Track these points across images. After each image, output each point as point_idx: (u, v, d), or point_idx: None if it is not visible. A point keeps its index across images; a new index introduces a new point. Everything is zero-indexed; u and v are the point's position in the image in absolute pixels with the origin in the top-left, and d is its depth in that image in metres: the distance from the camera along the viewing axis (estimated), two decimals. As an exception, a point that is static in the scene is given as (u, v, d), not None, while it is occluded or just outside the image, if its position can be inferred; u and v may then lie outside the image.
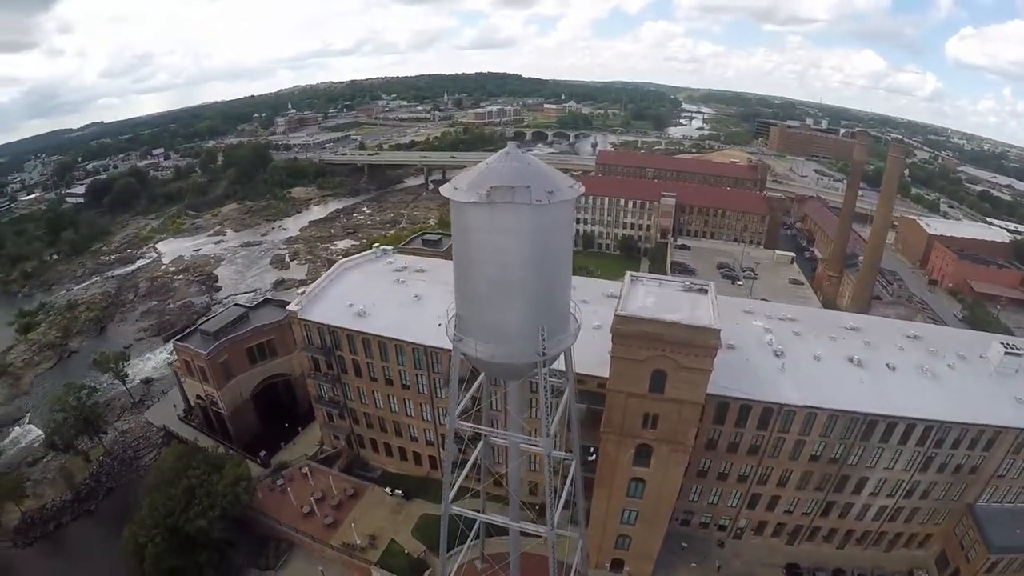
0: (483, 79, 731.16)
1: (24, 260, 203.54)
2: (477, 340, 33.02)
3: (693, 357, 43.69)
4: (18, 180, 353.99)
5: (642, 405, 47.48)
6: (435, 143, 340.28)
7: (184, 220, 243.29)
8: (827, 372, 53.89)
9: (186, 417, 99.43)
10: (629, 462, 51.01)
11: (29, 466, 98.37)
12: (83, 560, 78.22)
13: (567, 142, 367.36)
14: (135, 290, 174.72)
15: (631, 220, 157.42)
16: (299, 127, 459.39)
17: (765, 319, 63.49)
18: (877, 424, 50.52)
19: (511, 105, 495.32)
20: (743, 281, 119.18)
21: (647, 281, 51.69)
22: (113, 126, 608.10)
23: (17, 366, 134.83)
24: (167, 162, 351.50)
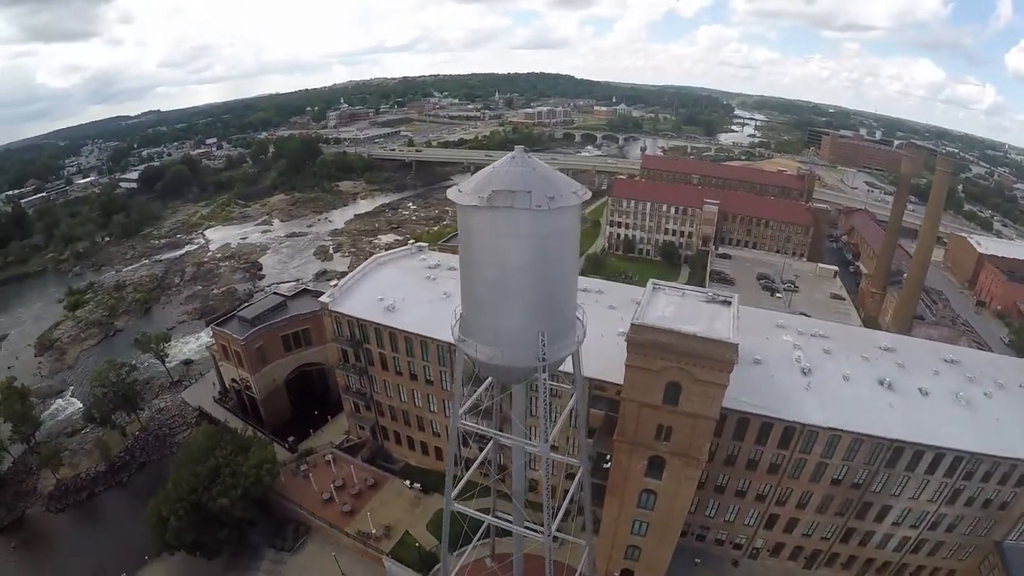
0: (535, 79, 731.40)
1: (77, 241, 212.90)
2: (479, 342, 32.99)
3: (708, 371, 42.54)
4: (75, 164, 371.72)
5: (656, 416, 46.54)
6: (483, 142, 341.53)
7: (233, 209, 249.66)
8: (855, 393, 51.66)
9: (221, 399, 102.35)
10: (641, 473, 50.10)
11: (68, 436, 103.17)
12: (111, 529, 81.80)
13: (616, 145, 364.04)
14: (181, 274, 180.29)
15: (673, 226, 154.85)
16: (350, 122, 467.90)
17: (796, 334, 61.38)
18: (904, 451, 48.15)
19: (562, 106, 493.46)
20: (782, 294, 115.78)
21: (669, 290, 50.79)
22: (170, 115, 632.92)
23: (64, 341, 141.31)
24: (219, 151, 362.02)
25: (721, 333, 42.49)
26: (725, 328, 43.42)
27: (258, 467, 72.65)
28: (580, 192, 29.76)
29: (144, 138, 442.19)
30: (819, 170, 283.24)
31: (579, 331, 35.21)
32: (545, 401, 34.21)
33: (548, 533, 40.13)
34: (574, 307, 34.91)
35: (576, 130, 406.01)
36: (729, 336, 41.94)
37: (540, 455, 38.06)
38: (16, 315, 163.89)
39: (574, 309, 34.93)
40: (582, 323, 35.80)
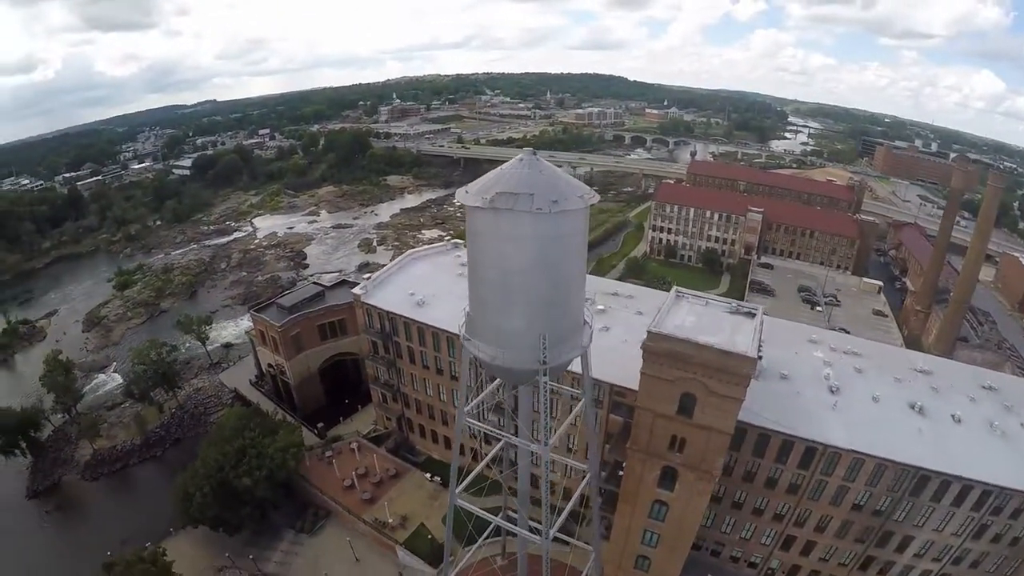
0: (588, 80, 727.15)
1: (129, 223, 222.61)
2: (482, 341, 33.10)
3: (725, 384, 41.37)
4: (131, 149, 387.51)
5: (670, 427, 45.59)
6: (532, 141, 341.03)
7: (282, 198, 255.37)
8: (883, 416, 49.32)
9: (257, 383, 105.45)
10: (654, 483, 49.16)
11: (108, 410, 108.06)
12: (141, 500, 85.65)
13: (666, 149, 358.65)
14: (228, 260, 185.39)
15: (716, 233, 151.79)
16: (401, 117, 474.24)
17: (828, 351, 59.22)
18: (929, 480, 45.62)
19: (613, 108, 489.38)
20: (823, 307, 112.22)
21: (693, 299, 49.60)
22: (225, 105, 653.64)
23: (111, 319, 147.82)
24: (272, 142, 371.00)
25: (740, 346, 41.25)
26: (745, 341, 42.16)
27: (284, 450, 74.87)
28: (586, 196, 29.35)
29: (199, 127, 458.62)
30: (871, 181, 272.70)
31: (586, 336, 34.72)
32: (545, 403, 33.92)
33: (546, 535, 39.83)
34: (580, 311, 34.46)
35: (626, 132, 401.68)
36: (747, 350, 40.68)
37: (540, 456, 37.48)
38: (67, 292, 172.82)
39: (580, 313, 34.49)
40: (590, 327, 35.27)
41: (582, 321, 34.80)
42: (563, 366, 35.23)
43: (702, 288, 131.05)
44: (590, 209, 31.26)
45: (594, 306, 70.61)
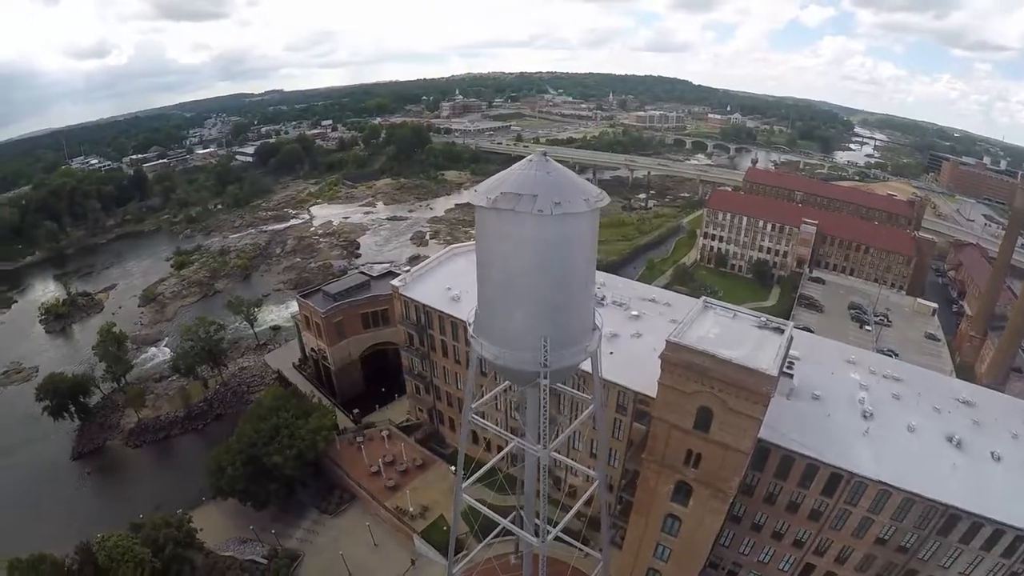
0: (652, 82, 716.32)
1: (190, 206, 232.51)
2: (486, 340, 32.95)
3: (743, 401, 39.87)
4: (198, 135, 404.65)
5: (685, 440, 44.33)
6: (591, 142, 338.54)
7: (340, 189, 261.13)
8: (917, 448, 46.24)
9: (300, 366, 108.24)
10: (667, 496, 47.95)
11: (155, 382, 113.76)
12: (178, 469, 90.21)
13: (726, 155, 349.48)
14: (283, 246, 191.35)
15: (768, 244, 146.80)
16: (463, 113, 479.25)
17: (866, 373, 56.14)
18: (959, 520, 42.37)
19: (675, 111, 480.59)
20: (872, 327, 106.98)
21: (720, 310, 48.10)
22: (291, 95, 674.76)
23: (166, 296, 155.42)
24: (334, 133, 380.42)
25: (762, 363, 39.64)
26: (768, 358, 40.48)
27: (315, 432, 77.11)
28: (592, 200, 28.57)
29: (265, 116, 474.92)
30: (935, 198, 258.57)
31: (593, 341, 33.93)
32: (544, 406, 33.44)
33: (543, 539, 39.42)
34: (588, 315, 33.65)
35: (687, 136, 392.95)
36: (768, 367, 39.04)
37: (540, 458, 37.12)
38: (127, 268, 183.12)
39: (588, 317, 33.68)
40: (599, 332, 34.51)
41: (590, 326, 34.06)
42: (567, 370, 34.66)
43: (750, 300, 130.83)
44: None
45: (628, 311, 70.05)
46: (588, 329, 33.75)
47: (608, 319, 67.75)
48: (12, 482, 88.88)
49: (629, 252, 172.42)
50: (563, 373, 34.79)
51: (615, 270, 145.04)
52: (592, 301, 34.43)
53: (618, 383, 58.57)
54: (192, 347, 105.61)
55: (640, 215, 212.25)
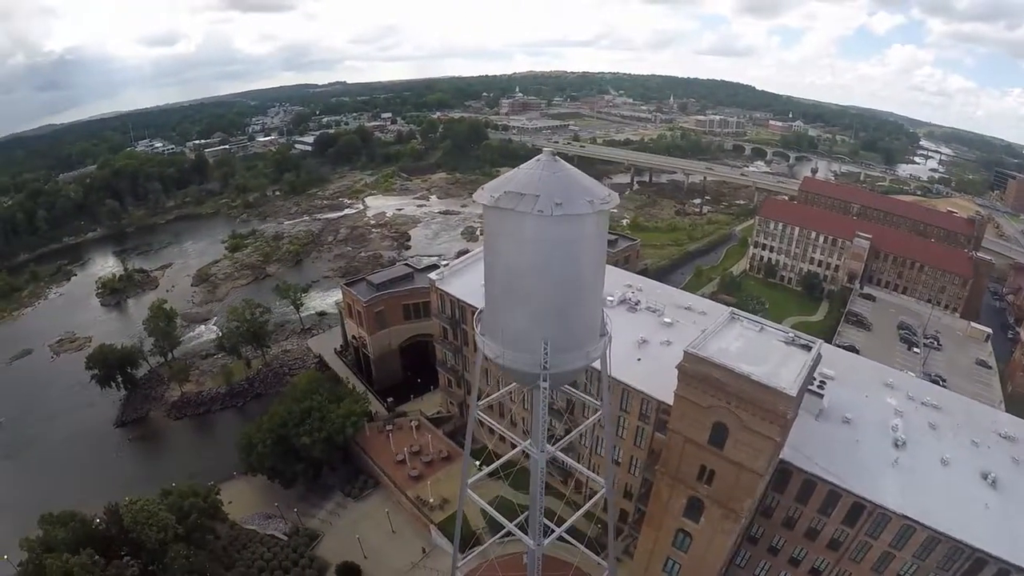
0: (714, 86, 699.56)
1: (249, 191, 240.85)
2: (489, 339, 32.84)
3: (759, 420, 38.24)
4: (260, 123, 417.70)
5: (699, 455, 42.98)
6: (649, 144, 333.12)
7: (395, 181, 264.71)
8: (949, 483, 43.36)
9: (341, 352, 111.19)
10: (679, 511, 46.66)
11: (201, 359, 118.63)
12: (214, 443, 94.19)
13: (786, 163, 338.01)
14: (335, 234, 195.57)
15: (819, 256, 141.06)
16: (522, 111, 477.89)
17: (903, 398, 53.08)
18: (986, 565, 39.33)
19: (736, 116, 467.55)
20: (920, 349, 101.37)
21: (747, 322, 46.19)
22: (354, 87, 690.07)
23: (218, 277, 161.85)
24: (393, 126, 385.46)
25: (782, 380, 37.84)
26: (790, 376, 38.66)
27: (345, 417, 78.64)
28: (597, 202, 27.79)
29: (327, 106, 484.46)
30: (998, 217, 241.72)
31: (599, 347, 33.26)
32: (543, 408, 33.15)
33: (538, 542, 39.10)
34: (594, 320, 32.92)
35: (747, 143, 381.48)
36: (788, 386, 37.19)
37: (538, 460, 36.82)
38: (184, 248, 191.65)
39: (594, 322, 32.95)
40: (607, 337, 33.82)
41: (598, 331, 33.34)
42: (569, 374, 34.06)
43: (796, 314, 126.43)
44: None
45: (661, 318, 68.66)
46: (594, 334, 33.06)
47: (639, 325, 67.42)
48: (57, 443, 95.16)
49: (679, 257, 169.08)
50: (565, 377, 34.31)
51: (663, 275, 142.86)
52: (600, 306, 33.61)
53: (642, 391, 57.53)
54: (237, 328, 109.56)
55: (693, 221, 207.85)
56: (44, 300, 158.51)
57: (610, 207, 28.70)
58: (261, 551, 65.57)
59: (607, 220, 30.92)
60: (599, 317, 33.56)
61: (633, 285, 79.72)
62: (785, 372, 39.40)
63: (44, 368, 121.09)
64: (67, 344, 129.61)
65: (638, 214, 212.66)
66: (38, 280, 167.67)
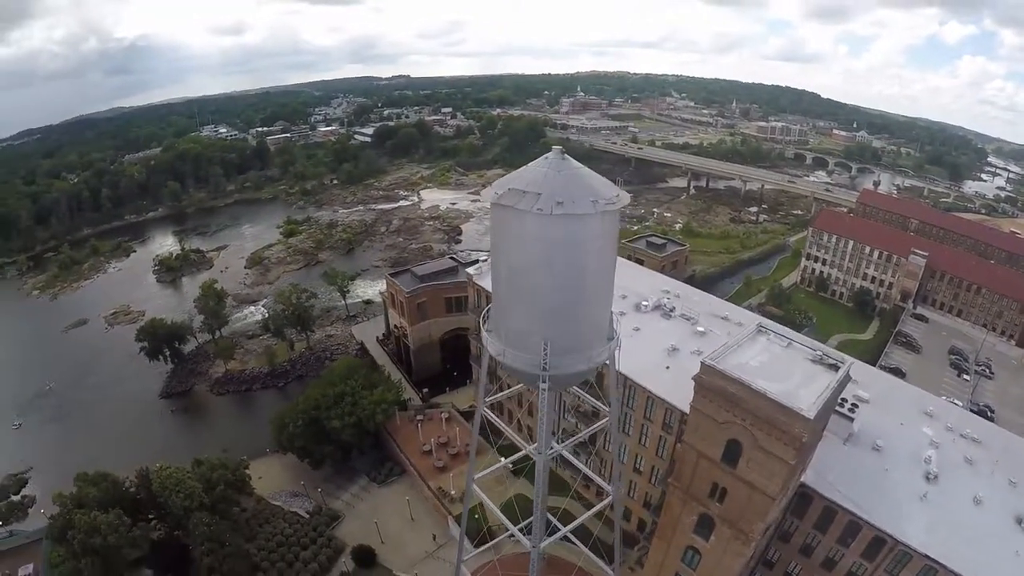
0: (778, 92, 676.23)
1: (307, 179, 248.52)
2: (494, 336, 32.77)
3: (773, 441, 36.70)
4: (323, 113, 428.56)
5: (712, 472, 41.71)
6: (708, 149, 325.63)
7: (451, 175, 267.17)
8: (979, 524, 40.36)
9: (382, 340, 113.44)
10: (690, 527, 45.45)
11: (248, 339, 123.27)
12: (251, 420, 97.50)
13: (848, 174, 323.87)
14: (388, 225, 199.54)
15: (873, 272, 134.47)
16: (582, 110, 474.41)
17: (941, 429, 49.91)
18: None
19: (799, 124, 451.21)
20: (971, 377, 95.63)
21: (774, 336, 44.24)
22: (417, 81, 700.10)
23: (271, 261, 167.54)
24: (452, 121, 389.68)
25: (801, 400, 36.06)
26: (810, 397, 36.70)
27: (376, 404, 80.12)
28: (601, 202, 27.15)
29: (390, 99, 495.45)
30: None
31: (604, 352, 32.56)
32: (543, 410, 32.85)
33: (536, 544, 38.90)
34: (600, 323, 32.30)
35: (808, 151, 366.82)
36: (806, 408, 35.32)
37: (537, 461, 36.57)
38: (240, 231, 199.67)
39: (601, 325, 32.32)
40: (616, 343, 33.16)
41: (604, 335, 32.70)
42: (571, 377, 33.45)
43: (845, 331, 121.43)
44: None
45: (694, 327, 67.19)
46: (601, 338, 32.42)
47: (672, 332, 66.21)
48: (103, 409, 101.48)
49: (729, 266, 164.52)
50: (567, 380, 33.85)
51: (711, 283, 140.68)
52: (607, 309, 32.89)
53: (666, 400, 56.46)
54: (283, 311, 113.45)
55: (747, 229, 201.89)
56: (103, 274, 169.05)
57: (616, 208, 28.04)
58: (282, 527, 68.10)
59: (615, 221, 30.18)
60: (606, 320, 32.91)
61: (671, 291, 78.36)
62: (806, 392, 37.60)
63: (98, 338, 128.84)
64: (121, 316, 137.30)
65: (692, 219, 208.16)
66: (99, 254, 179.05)
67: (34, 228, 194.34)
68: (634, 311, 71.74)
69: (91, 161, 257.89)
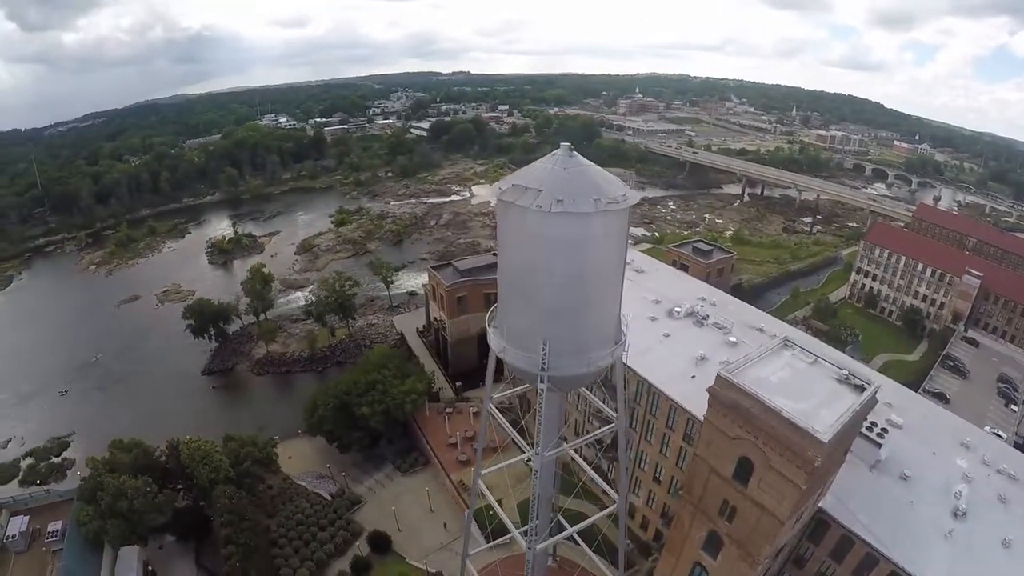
0: (840, 101, 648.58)
1: (361, 170, 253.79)
2: (497, 334, 32.89)
3: (785, 462, 35.30)
4: (381, 106, 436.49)
5: (722, 488, 40.59)
6: (765, 156, 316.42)
7: (505, 172, 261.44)
8: (1006, 570, 37.80)
9: (422, 332, 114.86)
10: (699, 543, 44.38)
11: (291, 323, 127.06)
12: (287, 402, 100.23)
13: (907, 188, 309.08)
14: (438, 218, 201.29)
15: (924, 291, 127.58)
16: (639, 112, 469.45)
17: (977, 462, 46.99)
18: None
19: (860, 134, 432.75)
20: (1019, 407, 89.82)
21: (799, 351, 42.40)
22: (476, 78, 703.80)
23: (321, 249, 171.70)
24: (508, 118, 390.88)
25: (817, 422, 34.40)
26: (828, 419, 35.00)
27: (406, 394, 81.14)
28: (603, 201, 26.67)
29: (448, 95, 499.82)
30: None
31: (608, 355, 32.05)
32: (541, 411, 32.73)
33: (530, 545, 38.84)
34: (605, 326, 31.92)
35: (868, 163, 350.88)
36: (822, 430, 33.66)
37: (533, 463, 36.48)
38: (293, 218, 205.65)
39: (605, 328, 31.94)
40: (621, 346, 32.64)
41: (610, 337, 32.18)
42: (572, 379, 33.17)
43: (891, 350, 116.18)
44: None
45: (727, 336, 65.65)
46: (605, 340, 32.04)
47: (702, 341, 64.95)
48: (148, 381, 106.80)
49: (777, 276, 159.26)
50: (569, 381, 33.64)
51: (758, 293, 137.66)
52: (613, 311, 32.53)
53: (689, 410, 55.34)
54: (326, 298, 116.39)
55: (799, 239, 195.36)
56: (158, 253, 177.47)
57: (621, 208, 27.51)
58: (304, 506, 70.04)
59: (621, 221, 29.62)
60: (611, 323, 32.48)
61: (708, 298, 76.77)
62: (826, 413, 35.91)
63: (147, 314, 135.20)
64: (172, 295, 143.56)
65: (743, 227, 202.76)
66: (155, 234, 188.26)
67: (94, 207, 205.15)
68: (666, 317, 70.82)
69: (152, 145, 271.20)
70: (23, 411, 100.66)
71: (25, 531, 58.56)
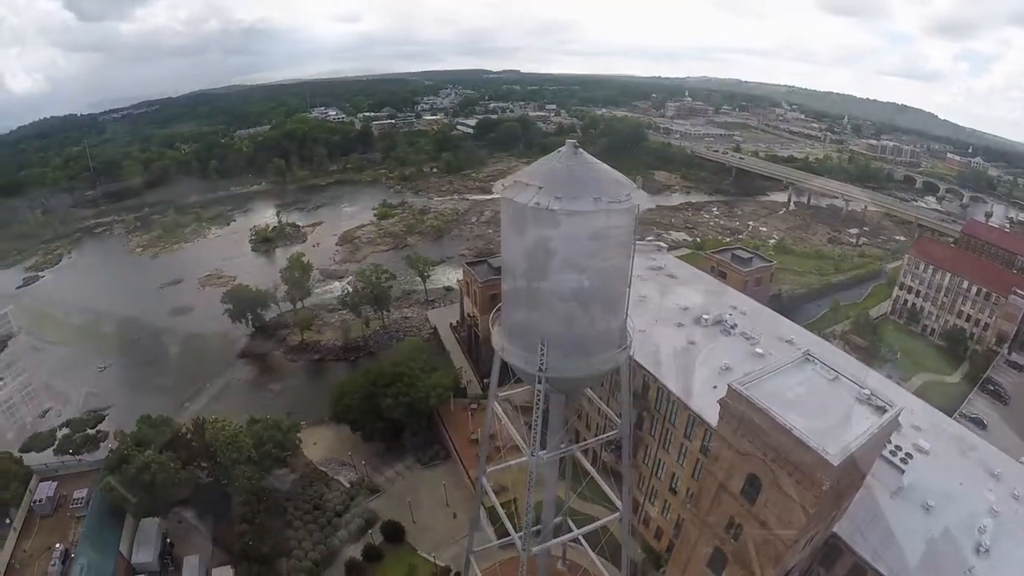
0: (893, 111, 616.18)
1: (407, 165, 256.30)
2: (500, 331, 32.92)
3: (793, 483, 34.29)
4: (430, 102, 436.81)
5: (731, 505, 39.57)
6: (813, 164, 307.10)
7: None
8: None
9: (455, 327, 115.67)
10: (704, 559, 43.49)
11: (328, 312, 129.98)
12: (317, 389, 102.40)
13: (959, 202, 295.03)
14: (479, 215, 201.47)
15: (968, 310, 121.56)
16: (688, 115, 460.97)
17: (1007, 495, 44.05)
18: None
19: (912, 145, 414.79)
20: None
21: (820, 367, 40.65)
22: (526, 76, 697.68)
23: (362, 241, 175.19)
24: (555, 118, 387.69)
25: (829, 443, 32.90)
26: (842, 440, 33.53)
27: (431, 388, 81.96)
28: (604, 200, 26.20)
29: (497, 93, 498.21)
30: None
31: (610, 359, 31.75)
32: (538, 412, 32.67)
33: (524, 547, 38.84)
34: (608, 328, 31.59)
35: (919, 174, 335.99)
36: (833, 452, 32.23)
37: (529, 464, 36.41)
38: (337, 210, 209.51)
39: (608, 331, 31.62)
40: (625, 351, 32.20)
41: (614, 341, 31.78)
42: (573, 382, 32.97)
43: (931, 371, 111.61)
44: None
45: (753, 347, 63.92)
46: (607, 344, 31.65)
47: (728, 351, 63.49)
48: (184, 361, 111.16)
49: (819, 288, 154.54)
50: (568, 383, 33.34)
51: (797, 304, 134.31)
52: (618, 314, 32.09)
53: (707, 421, 54.23)
54: (362, 288, 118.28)
55: (844, 251, 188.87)
56: (203, 239, 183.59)
57: (623, 208, 26.97)
58: (323, 491, 71.98)
59: (626, 222, 28.99)
60: (616, 326, 32.01)
61: (738, 307, 74.86)
62: (841, 434, 34.56)
63: (189, 297, 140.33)
64: (213, 280, 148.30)
65: (787, 235, 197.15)
66: (201, 221, 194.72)
67: (144, 191, 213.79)
68: (693, 324, 69.41)
69: (203, 134, 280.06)
70: (63, 383, 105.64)
71: (52, 496, 61.81)
